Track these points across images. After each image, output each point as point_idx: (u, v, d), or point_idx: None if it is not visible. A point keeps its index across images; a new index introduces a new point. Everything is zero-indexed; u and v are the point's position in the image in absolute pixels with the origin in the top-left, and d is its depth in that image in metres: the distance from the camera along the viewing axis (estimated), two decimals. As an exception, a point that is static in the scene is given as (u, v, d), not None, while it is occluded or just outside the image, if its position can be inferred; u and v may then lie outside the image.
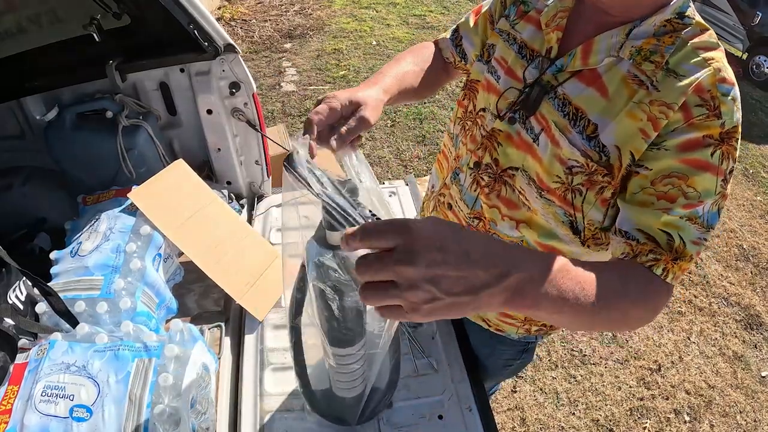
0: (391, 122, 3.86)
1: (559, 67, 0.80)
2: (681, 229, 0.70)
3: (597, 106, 0.75)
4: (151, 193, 1.30)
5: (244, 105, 1.62)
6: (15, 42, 1.39)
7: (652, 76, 0.71)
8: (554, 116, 0.79)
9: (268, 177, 1.83)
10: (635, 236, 0.72)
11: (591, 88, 0.76)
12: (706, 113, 0.67)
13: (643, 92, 0.71)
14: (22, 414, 0.87)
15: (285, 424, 1.09)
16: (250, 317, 1.29)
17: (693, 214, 0.70)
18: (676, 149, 0.69)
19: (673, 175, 0.69)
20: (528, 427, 2.13)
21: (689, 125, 0.68)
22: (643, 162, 0.72)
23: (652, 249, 0.70)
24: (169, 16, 1.34)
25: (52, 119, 1.50)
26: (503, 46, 0.90)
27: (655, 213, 0.70)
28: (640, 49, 0.72)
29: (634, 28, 0.73)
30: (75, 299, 1.10)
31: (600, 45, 0.75)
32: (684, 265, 0.70)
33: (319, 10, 5.57)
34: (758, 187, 3.95)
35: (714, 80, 0.68)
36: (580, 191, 0.79)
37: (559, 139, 0.79)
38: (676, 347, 2.56)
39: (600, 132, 0.74)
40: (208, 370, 1.08)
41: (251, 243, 1.41)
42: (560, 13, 0.81)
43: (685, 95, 0.68)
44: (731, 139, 0.68)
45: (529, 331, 1.11)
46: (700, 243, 0.71)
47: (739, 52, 6.10)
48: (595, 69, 0.76)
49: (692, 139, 0.68)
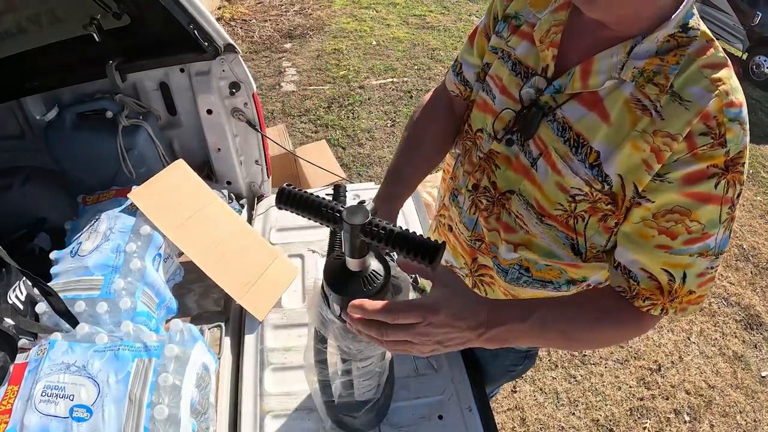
0: (391, 122, 3.86)
1: (557, 88, 0.75)
2: (689, 266, 0.69)
3: (599, 132, 0.71)
4: (151, 193, 1.30)
5: (244, 105, 1.62)
6: (15, 42, 1.39)
7: (656, 101, 0.67)
8: (554, 142, 0.76)
9: (268, 177, 1.83)
10: (637, 277, 0.71)
11: (593, 113, 0.72)
12: (711, 142, 0.64)
13: (647, 120, 0.67)
14: (22, 414, 0.87)
15: (285, 424, 1.09)
16: (250, 317, 1.29)
17: (704, 248, 0.68)
18: (680, 182, 0.66)
19: (676, 210, 0.67)
20: (528, 427, 2.13)
21: (693, 155, 0.65)
22: (646, 194, 0.69)
23: (651, 294, 0.71)
24: (169, 16, 1.34)
25: (52, 119, 1.50)
26: (498, 63, 0.86)
27: (655, 251, 0.69)
28: (642, 71, 0.67)
29: (636, 45, 0.67)
30: (75, 299, 1.10)
31: (600, 65, 0.70)
32: (687, 298, 0.71)
33: (319, 10, 5.57)
34: (758, 187, 3.95)
35: (721, 105, 0.64)
36: (583, 217, 0.76)
37: (561, 167, 0.75)
38: (676, 347, 2.56)
39: (603, 161, 0.71)
40: (208, 370, 1.08)
41: (251, 243, 1.41)
42: (554, 28, 0.76)
43: (690, 125, 0.64)
44: (737, 165, 0.65)
45: None
46: (706, 274, 0.70)
47: (739, 52, 6.10)
48: (596, 92, 0.71)
49: (696, 171, 0.65)
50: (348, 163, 3.46)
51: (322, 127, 3.77)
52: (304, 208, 0.66)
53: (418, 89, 4.24)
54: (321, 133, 3.71)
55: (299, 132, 3.72)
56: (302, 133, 3.71)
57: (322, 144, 3.05)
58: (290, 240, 1.55)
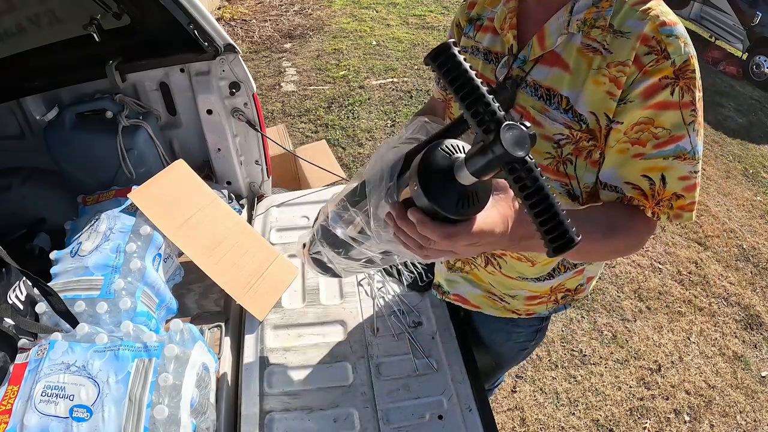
0: (391, 122, 3.86)
1: (523, 59, 0.86)
2: (666, 169, 0.76)
3: (564, 81, 0.82)
4: (151, 194, 1.30)
5: (244, 105, 1.62)
6: (15, 42, 1.39)
7: (602, 41, 0.78)
8: (530, 102, 0.86)
9: (268, 177, 1.83)
10: (622, 189, 0.80)
11: (555, 67, 0.83)
12: (655, 58, 0.74)
13: (599, 58, 0.78)
14: (22, 414, 0.87)
15: (285, 424, 1.09)
16: (250, 317, 1.29)
17: (679, 151, 0.76)
18: (639, 99, 0.75)
19: (641, 122, 0.76)
20: (528, 427, 2.13)
21: (644, 73, 0.75)
22: (616, 118, 0.78)
23: (638, 202, 0.79)
24: (169, 16, 1.34)
25: (52, 119, 1.50)
26: (470, 58, 0.97)
27: (633, 161, 0.78)
28: (584, 20, 0.79)
29: (575, 4, 0.80)
30: (75, 299, 1.10)
31: (550, 28, 0.82)
32: (678, 203, 0.77)
33: (319, 10, 5.57)
34: (758, 187, 3.95)
35: (655, 26, 0.74)
36: (571, 161, 0.85)
37: (540, 120, 0.85)
38: (676, 347, 2.56)
39: (574, 103, 0.81)
40: (208, 370, 1.08)
41: (251, 243, 1.41)
42: (509, 14, 0.89)
43: (634, 49, 0.75)
44: (686, 72, 0.74)
45: (557, 301, 1.12)
46: (690, 177, 0.77)
47: (739, 52, 6.10)
48: (553, 50, 0.83)
49: (650, 86, 0.74)
50: (348, 163, 3.46)
51: (322, 127, 3.77)
52: (456, 83, 0.50)
53: (418, 89, 4.24)
54: (321, 133, 3.71)
55: (299, 132, 3.72)
56: (302, 133, 3.71)
57: (322, 144, 3.05)
58: (290, 240, 1.55)
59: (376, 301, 1.37)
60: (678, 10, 6.71)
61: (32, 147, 1.62)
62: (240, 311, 1.33)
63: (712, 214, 3.52)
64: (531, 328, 1.22)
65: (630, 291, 2.82)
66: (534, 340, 1.26)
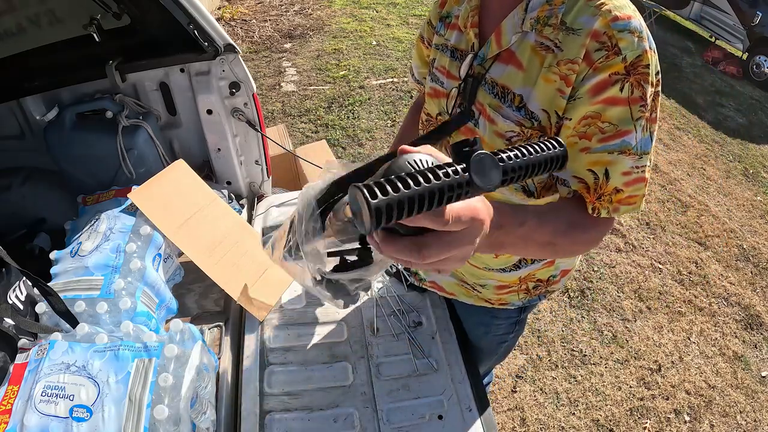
0: (391, 122, 3.86)
1: (482, 57, 0.88)
2: (611, 163, 0.76)
3: (517, 79, 0.83)
4: (151, 194, 1.30)
5: (244, 105, 1.62)
6: (15, 42, 1.39)
7: (555, 38, 0.78)
8: (487, 99, 0.88)
9: (268, 177, 1.83)
10: (569, 183, 0.80)
11: (510, 65, 0.84)
12: (606, 54, 0.73)
13: (551, 56, 0.78)
14: (22, 414, 0.87)
15: (285, 424, 1.09)
16: (250, 317, 1.29)
17: (624, 146, 0.75)
18: (588, 95, 0.75)
19: (589, 116, 0.76)
20: (528, 427, 2.13)
21: (594, 69, 0.74)
22: (566, 114, 0.79)
23: (581, 192, 0.79)
24: (169, 16, 1.34)
25: (52, 119, 1.50)
26: (440, 56, 1.00)
27: (580, 155, 0.77)
28: (538, 18, 0.80)
29: (530, 2, 0.80)
30: (75, 299, 1.10)
31: (507, 27, 0.83)
32: (617, 197, 0.77)
33: (319, 10, 5.57)
34: (758, 187, 3.96)
35: (606, 21, 0.73)
36: None
37: (494, 117, 0.87)
38: (676, 347, 2.56)
39: (526, 101, 0.82)
40: (208, 370, 1.08)
41: (251, 243, 1.41)
42: (471, 12, 0.91)
43: (584, 46, 0.74)
44: (637, 68, 0.73)
45: (528, 291, 1.12)
46: (632, 173, 0.76)
47: (739, 52, 6.10)
48: (509, 48, 0.84)
49: (599, 82, 0.74)
50: (348, 163, 3.46)
51: (322, 127, 3.77)
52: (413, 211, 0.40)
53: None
54: (321, 133, 3.71)
55: (299, 132, 3.72)
56: (302, 133, 3.71)
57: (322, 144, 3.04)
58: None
59: (376, 301, 1.37)
60: (678, 10, 6.72)
61: (32, 147, 1.62)
62: (240, 311, 1.33)
63: (713, 214, 3.52)
64: (509, 320, 1.23)
65: (630, 291, 2.82)
66: (513, 333, 1.27)
